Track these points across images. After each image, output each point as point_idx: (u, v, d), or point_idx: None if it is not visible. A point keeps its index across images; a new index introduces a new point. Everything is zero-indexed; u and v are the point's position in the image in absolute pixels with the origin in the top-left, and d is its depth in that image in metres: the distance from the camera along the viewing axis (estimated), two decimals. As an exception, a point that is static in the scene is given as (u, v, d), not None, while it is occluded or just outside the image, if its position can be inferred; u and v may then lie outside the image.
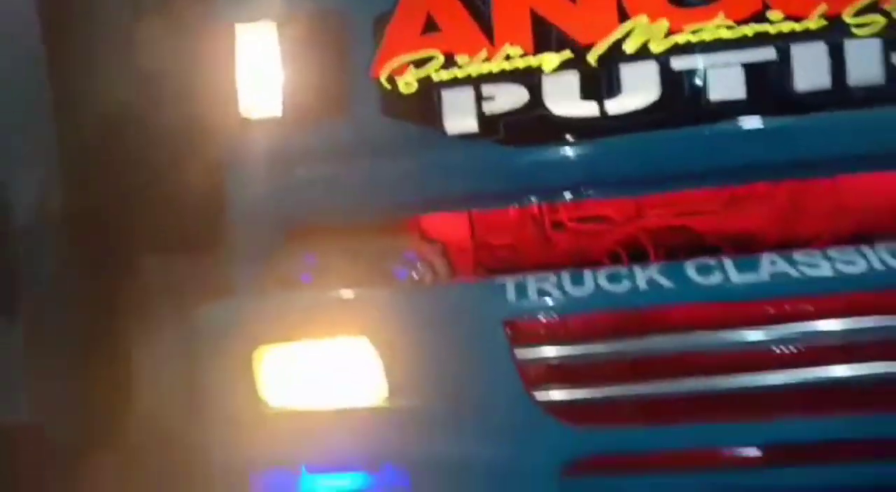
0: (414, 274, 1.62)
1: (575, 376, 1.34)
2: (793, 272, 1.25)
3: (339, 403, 1.38)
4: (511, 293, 1.33)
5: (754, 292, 1.26)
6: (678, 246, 1.61)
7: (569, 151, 1.49)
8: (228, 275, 1.61)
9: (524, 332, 1.34)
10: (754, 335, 1.27)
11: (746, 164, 1.46)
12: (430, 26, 1.53)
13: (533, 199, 1.56)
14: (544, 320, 1.33)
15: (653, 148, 1.46)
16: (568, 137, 1.48)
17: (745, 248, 1.57)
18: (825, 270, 1.25)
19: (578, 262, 1.61)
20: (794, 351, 1.27)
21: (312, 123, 1.59)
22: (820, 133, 1.43)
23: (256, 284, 1.54)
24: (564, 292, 1.31)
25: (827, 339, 1.27)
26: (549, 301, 1.31)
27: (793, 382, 1.27)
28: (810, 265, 1.25)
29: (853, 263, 1.24)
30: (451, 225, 1.65)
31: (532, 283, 1.34)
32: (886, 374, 1.24)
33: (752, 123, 1.43)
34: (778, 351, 1.28)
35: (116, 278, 1.77)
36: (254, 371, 1.37)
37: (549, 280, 1.34)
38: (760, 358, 1.29)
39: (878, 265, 1.23)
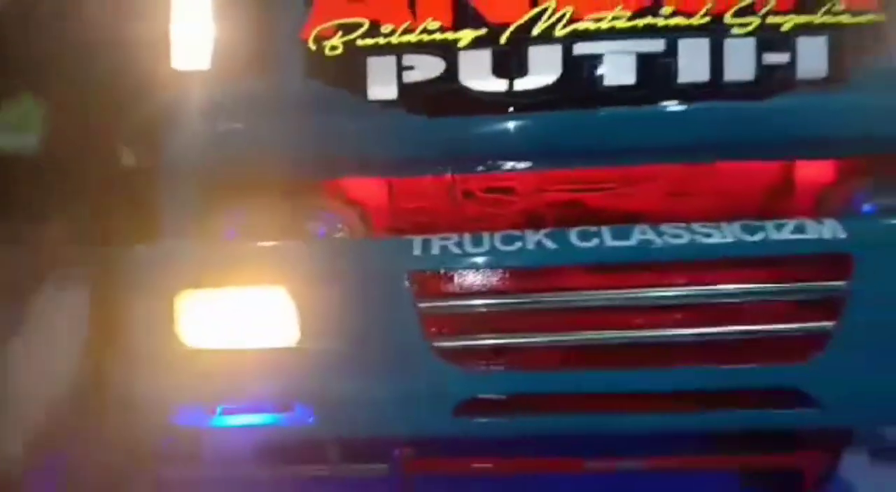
0: (333, 234, 1.73)
1: (468, 325, 1.50)
2: (657, 241, 1.42)
3: (254, 345, 1.48)
4: (417, 249, 1.46)
5: (624, 256, 1.43)
6: (574, 218, 1.79)
7: (479, 125, 1.61)
8: (157, 222, 1.67)
9: (426, 284, 1.48)
10: (622, 294, 1.45)
11: (636, 146, 1.62)
12: None
13: (446, 167, 1.71)
14: (444, 275, 1.47)
15: (553, 126, 1.60)
16: (479, 110, 1.60)
17: (634, 221, 1.77)
18: (685, 239, 1.42)
19: (485, 227, 1.76)
20: (655, 308, 1.47)
21: (240, 78, 1.65)
22: (700, 121, 1.60)
23: (182, 232, 1.62)
24: (464, 251, 1.45)
25: (681, 299, 1.46)
26: (449, 258, 1.44)
27: (655, 337, 1.46)
28: (673, 236, 1.43)
29: (710, 235, 1.42)
30: (369, 188, 1.77)
31: (436, 241, 1.47)
32: (728, 332, 1.44)
33: (641, 108, 1.58)
34: (642, 308, 1.47)
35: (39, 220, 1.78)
36: (176, 313, 1.45)
37: (452, 240, 1.47)
38: (627, 313, 1.47)
39: (729, 238, 1.42)
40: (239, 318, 1.47)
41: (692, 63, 1.58)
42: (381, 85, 1.61)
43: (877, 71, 1.57)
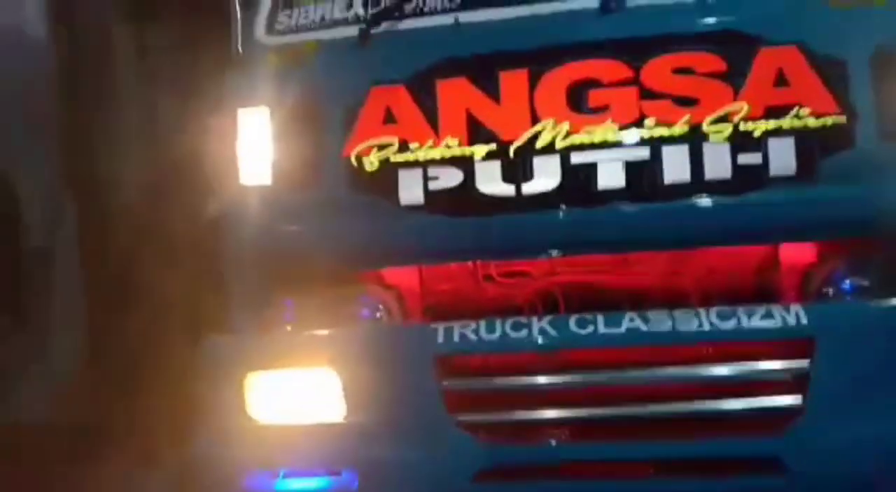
0: (374, 314, 2.03)
1: (486, 402, 1.77)
2: (643, 328, 1.68)
3: (309, 420, 1.79)
4: (440, 337, 1.75)
5: (615, 341, 1.68)
6: (582, 297, 2.05)
7: (493, 222, 1.89)
8: (227, 311, 2.00)
9: (448, 366, 1.76)
10: (615, 374, 1.70)
11: (629, 237, 1.89)
12: (390, 118, 1.94)
13: (467, 257, 1.99)
14: (463, 358, 1.75)
15: (557, 221, 1.87)
16: (493, 210, 1.88)
17: (636, 298, 2.02)
18: (666, 326, 1.67)
19: (504, 306, 2.05)
20: (647, 387, 1.70)
21: (295, 190, 1.99)
22: (684, 214, 1.84)
23: (248, 320, 1.94)
24: (479, 337, 1.73)
25: (667, 378, 1.69)
26: (467, 344, 1.73)
27: (646, 412, 1.69)
28: (657, 322, 1.68)
29: (689, 321, 1.67)
30: (404, 275, 2.08)
31: (457, 329, 1.75)
32: (706, 410, 1.67)
33: (630, 206, 1.84)
34: (636, 386, 1.71)
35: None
36: (244, 393, 1.77)
37: (470, 327, 1.75)
38: (624, 391, 1.71)
39: (706, 326, 1.66)
40: (296, 396, 1.78)
41: (675, 166, 1.83)
42: (411, 192, 1.92)
43: (840, 166, 1.79)
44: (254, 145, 2.01)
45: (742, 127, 1.81)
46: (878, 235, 1.83)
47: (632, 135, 1.84)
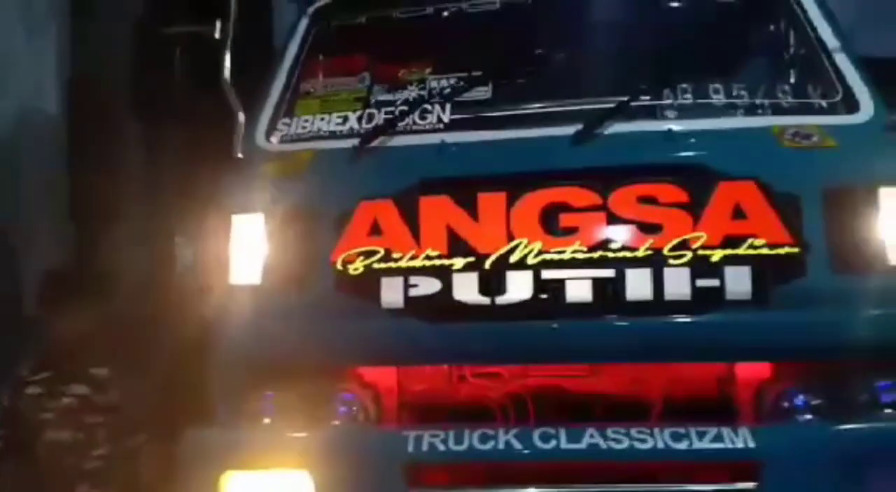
0: (351, 411, 2.12)
1: None
2: (602, 444, 1.77)
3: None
4: (410, 444, 1.83)
5: (576, 456, 1.77)
6: (554, 400, 2.14)
7: (468, 329, 2.01)
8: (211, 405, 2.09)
9: (416, 473, 1.83)
10: (574, 488, 1.78)
11: (595, 349, 2.00)
12: (376, 230, 2.08)
13: (442, 360, 2.10)
14: (432, 466, 1.83)
15: (526, 332, 1.99)
16: (468, 318, 2.00)
17: (603, 404, 2.11)
18: (623, 444, 1.76)
19: (476, 408, 2.14)
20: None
21: (283, 291, 2.10)
22: (645, 331, 1.97)
23: (229, 416, 2.02)
24: (448, 447, 1.81)
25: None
26: (436, 452, 1.81)
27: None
28: (615, 440, 1.77)
29: (644, 440, 1.76)
30: (381, 374, 2.17)
31: (426, 437, 1.83)
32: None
33: (597, 320, 1.97)
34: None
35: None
36: (220, 489, 1.83)
37: (439, 436, 1.83)
38: None
39: (660, 445, 1.75)
40: (271, 492, 1.85)
41: (637, 286, 1.96)
42: (392, 297, 2.03)
43: (792, 293, 1.93)
44: (246, 247, 2.14)
45: (700, 253, 1.95)
46: (828, 360, 1.95)
47: (598, 256, 1.98)
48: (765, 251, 1.95)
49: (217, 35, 2.46)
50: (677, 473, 1.77)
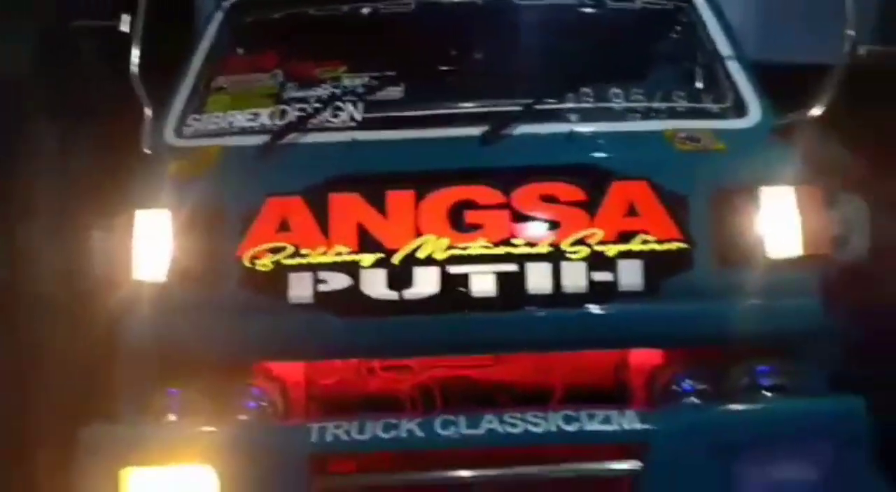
0: (259, 405, 2.12)
1: None
2: (500, 429, 1.85)
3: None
4: (314, 435, 1.86)
5: (475, 442, 1.84)
6: (460, 390, 2.21)
7: (377, 323, 2.05)
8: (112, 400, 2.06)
9: (321, 464, 1.86)
10: (476, 471, 1.85)
11: (499, 340, 2.08)
12: (285, 226, 2.09)
13: (351, 353, 2.13)
14: (336, 457, 1.87)
15: (433, 325, 2.05)
16: (376, 313, 2.04)
17: (508, 392, 2.20)
18: (520, 428, 1.85)
19: (385, 400, 2.18)
20: (504, 481, 1.86)
21: (190, 287, 2.09)
22: (546, 322, 2.06)
23: (132, 413, 2.00)
24: (351, 437, 1.85)
25: (521, 475, 1.86)
26: (340, 443, 1.84)
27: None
28: (511, 424, 1.86)
29: (538, 424, 1.85)
30: (290, 368, 2.19)
31: (330, 427, 1.87)
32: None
33: (499, 313, 2.04)
34: (494, 482, 1.86)
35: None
36: (120, 485, 1.81)
37: (342, 426, 1.87)
38: (483, 487, 1.86)
39: (554, 428, 1.85)
40: (173, 490, 1.84)
41: (538, 280, 2.05)
42: (300, 292, 2.05)
43: (680, 286, 2.06)
44: (152, 243, 2.11)
45: (596, 249, 2.06)
46: (713, 347, 2.09)
47: (502, 251, 2.06)
48: (655, 247, 2.08)
49: (125, 29, 2.44)
50: (570, 454, 1.87)
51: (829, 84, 2.19)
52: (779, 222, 2.11)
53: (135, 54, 2.39)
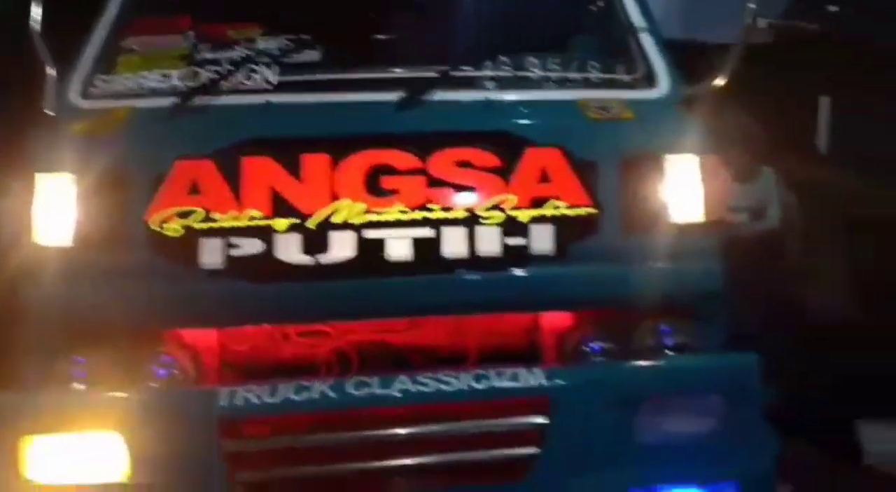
0: (170, 373, 2.09)
1: (268, 461, 1.88)
2: (412, 389, 1.89)
3: (90, 481, 1.80)
4: (223, 399, 1.85)
5: (388, 402, 1.88)
6: (378, 354, 2.23)
7: (292, 288, 2.05)
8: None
9: (230, 428, 1.86)
10: (391, 430, 1.89)
11: (416, 303, 2.11)
12: (195, 189, 2.05)
13: (265, 319, 2.12)
14: (245, 420, 1.86)
15: (349, 290, 2.06)
16: (291, 278, 2.04)
17: (425, 356, 2.23)
18: (432, 387, 1.90)
19: (301, 366, 2.18)
20: (417, 441, 1.90)
21: (97, 252, 2.03)
22: (463, 285, 2.10)
23: (36, 381, 1.93)
24: (262, 400, 1.85)
25: (433, 433, 1.91)
26: (250, 406, 1.84)
27: (413, 464, 1.89)
28: (423, 384, 1.90)
29: (450, 383, 1.90)
30: (202, 335, 2.16)
31: (241, 393, 1.86)
32: (465, 460, 1.90)
33: (415, 277, 2.07)
34: (408, 441, 1.90)
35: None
36: (20, 455, 1.76)
37: (253, 391, 1.87)
38: (397, 446, 1.90)
39: (464, 386, 1.90)
40: (78, 458, 1.80)
41: (454, 244, 2.09)
42: (211, 258, 2.02)
43: (589, 250, 2.13)
44: (56, 207, 2.04)
45: (510, 214, 2.11)
46: (619, 309, 2.18)
47: (419, 216, 2.08)
48: (566, 212, 2.14)
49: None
50: (482, 412, 1.92)
51: (732, 56, 2.29)
52: (682, 190, 2.21)
53: (35, 12, 2.27)
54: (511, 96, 2.25)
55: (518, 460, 1.92)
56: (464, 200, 2.10)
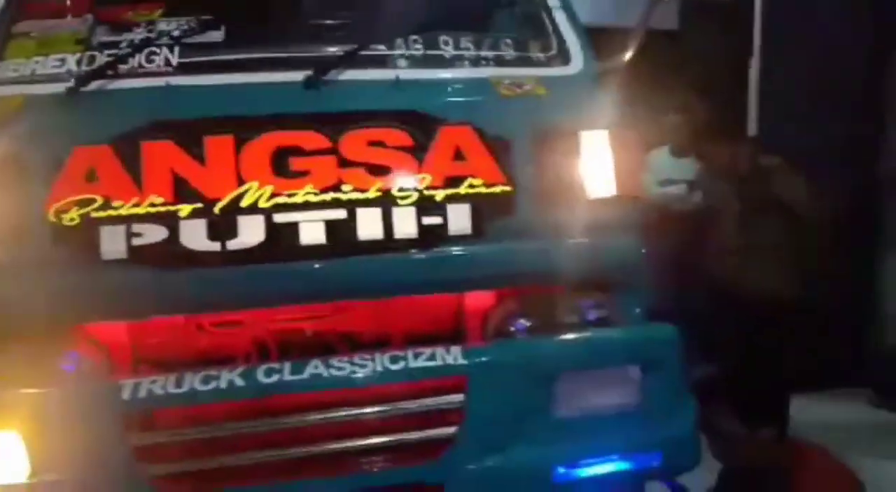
0: (80, 369, 2.00)
1: (179, 453, 1.82)
2: (325, 373, 1.85)
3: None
4: (127, 392, 1.78)
5: (298, 387, 1.83)
6: (298, 343, 2.18)
7: (199, 276, 1.97)
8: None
9: (136, 421, 1.80)
10: (303, 416, 1.85)
11: (331, 288, 2.05)
12: (92, 177, 1.96)
13: (175, 310, 2.05)
14: (154, 412, 1.81)
15: (262, 277, 2.00)
16: (198, 265, 1.96)
17: (348, 342, 2.19)
18: (346, 371, 1.86)
19: (217, 357, 2.11)
20: (331, 426, 1.87)
21: None
22: (379, 268, 2.05)
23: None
24: (167, 391, 1.79)
25: (346, 417, 1.88)
26: (155, 398, 1.78)
27: (329, 449, 1.86)
28: (337, 368, 1.87)
29: (365, 366, 1.87)
30: (113, 329, 2.07)
31: (145, 384, 1.80)
32: (379, 444, 1.88)
33: (329, 260, 2.01)
34: (322, 427, 1.86)
35: None
36: None
37: (158, 382, 1.80)
38: (310, 432, 1.86)
39: (379, 368, 1.87)
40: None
41: (368, 225, 2.04)
42: (113, 247, 1.93)
43: (506, 228, 2.11)
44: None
45: (425, 193, 2.08)
46: (541, 285, 2.19)
47: (330, 198, 2.02)
48: (481, 190, 2.12)
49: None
50: (402, 394, 1.90)
51: (635, 36, 2.32)
52: (597, 164, 2.22)
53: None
54: (422, 75, 2.22)
55: (437, 441, 1.90)
56: (377, 181, 2.05)
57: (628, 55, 2.27)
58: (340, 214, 2.04)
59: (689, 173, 4.43)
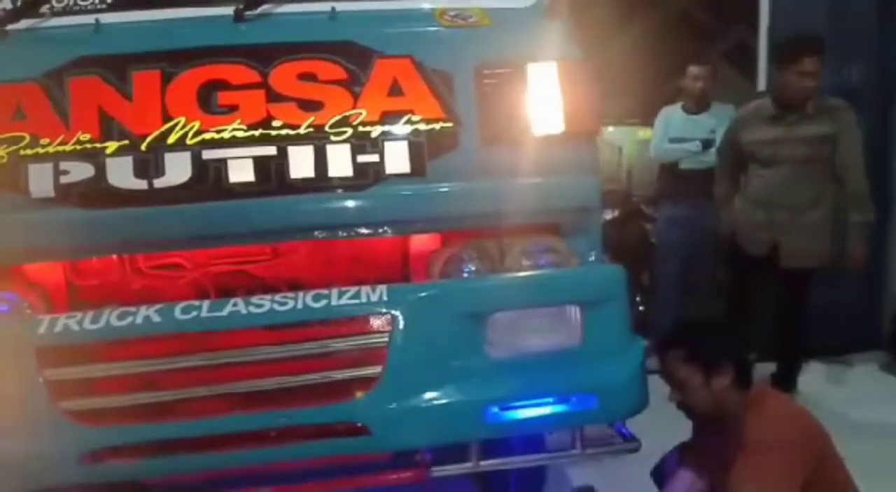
0: (16, 310, 1.99)
1: (88, 388, 1.80)
2: (244, 310, 1.80)
3: None
4: (43, 327, 1.77)
5: (217, 325, 1.79)
6: (237, 286, 2.14)
7: (128, 216, 1.93)
8: None
9: (50, 356, 1.78)
10: (216, 356, 1.81)
11: (263, 229, 1.98)
12: (20, 115, 1.93)
13: (108, 250, 2.02)
14: (70, 347, 1.78)
15: (189, 216, 1.94)
16: (126, 204, 1.92)
17: (288, 285, 2.14)
18: (266, 308, 1.81)
19: (154, 300, 2.07)
20: (251, 364, 1.82)
21: None
22: (311, 209, 1.98)
23: None
24: (83, 327, 1.77)
25: (266, 356, 1.83)
26: (70, 333, 1.76)
27: (248, 388, 1.82)
28: (256, 305, 1.82)
29: (285, 303, 1.82)
30: (49, 271, 2.06)
31: (61, 320, 1.78)
32: (302, 382, 1.82)
33: (259, 199, 1.95)
34: (241, 365, 1.82)
35: None
36: None
37: (74, 318, 1.78)
38: (229, 370, 1.82)
39: (300, 306, 1.81)
40: None
41: (300, 163, 1.97)
42: (41, 185, 1.91)
43: (447, 166, 2.02)
44: None
45: (361, 130, 1.99)
46: (482, 227, 2.09)
47: (260, 134, 1.96)
48: (421, 126, 2.02)
49: None
50: (322, 332, 1.84)
51: None
52: (545, 99, 2.10)
53: None
54: (359, 6, 2.11)
55: (361, 380, 1.85)
56: (309, 116, 1.97)
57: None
58: (270, 150, 1.96)
59: (702, 131, 4.26)
